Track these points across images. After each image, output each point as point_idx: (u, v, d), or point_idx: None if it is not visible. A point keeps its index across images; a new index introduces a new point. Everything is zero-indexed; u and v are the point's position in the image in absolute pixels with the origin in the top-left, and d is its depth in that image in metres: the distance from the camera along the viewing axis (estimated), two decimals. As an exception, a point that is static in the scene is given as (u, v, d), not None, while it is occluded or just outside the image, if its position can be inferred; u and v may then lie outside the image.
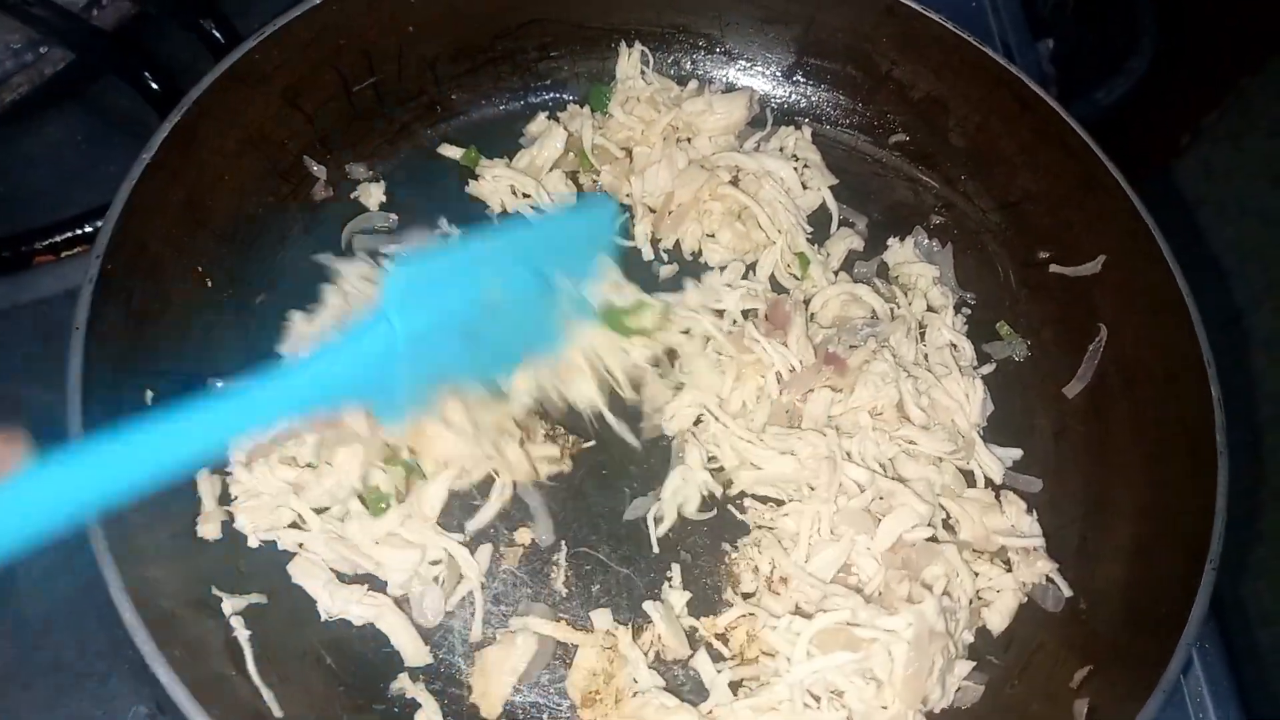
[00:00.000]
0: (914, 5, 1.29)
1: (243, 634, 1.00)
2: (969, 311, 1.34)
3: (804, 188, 1.38)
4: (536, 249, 1.05)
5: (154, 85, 1.28)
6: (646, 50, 1.40)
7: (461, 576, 1.10)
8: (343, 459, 1.09)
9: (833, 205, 1.37)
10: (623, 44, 1.39)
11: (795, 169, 1.37)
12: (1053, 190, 1.29)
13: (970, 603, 1.13)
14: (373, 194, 1.29)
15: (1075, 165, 1.25)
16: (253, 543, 1.07)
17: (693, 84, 1.42)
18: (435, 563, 1.10)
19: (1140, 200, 1.20)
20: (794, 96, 1.44)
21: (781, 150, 1.40)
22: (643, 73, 1.40)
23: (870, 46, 1.36)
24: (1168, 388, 1.16)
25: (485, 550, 1.12)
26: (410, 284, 0.90)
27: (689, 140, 1.39)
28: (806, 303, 1.29)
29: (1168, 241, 1.18)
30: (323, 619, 1.06)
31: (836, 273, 1.34)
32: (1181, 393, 1.13)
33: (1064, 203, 1.28)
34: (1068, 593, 1.14)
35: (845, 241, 1.36)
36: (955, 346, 1.30)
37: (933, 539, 1.13)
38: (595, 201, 1.13)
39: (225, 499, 1.08)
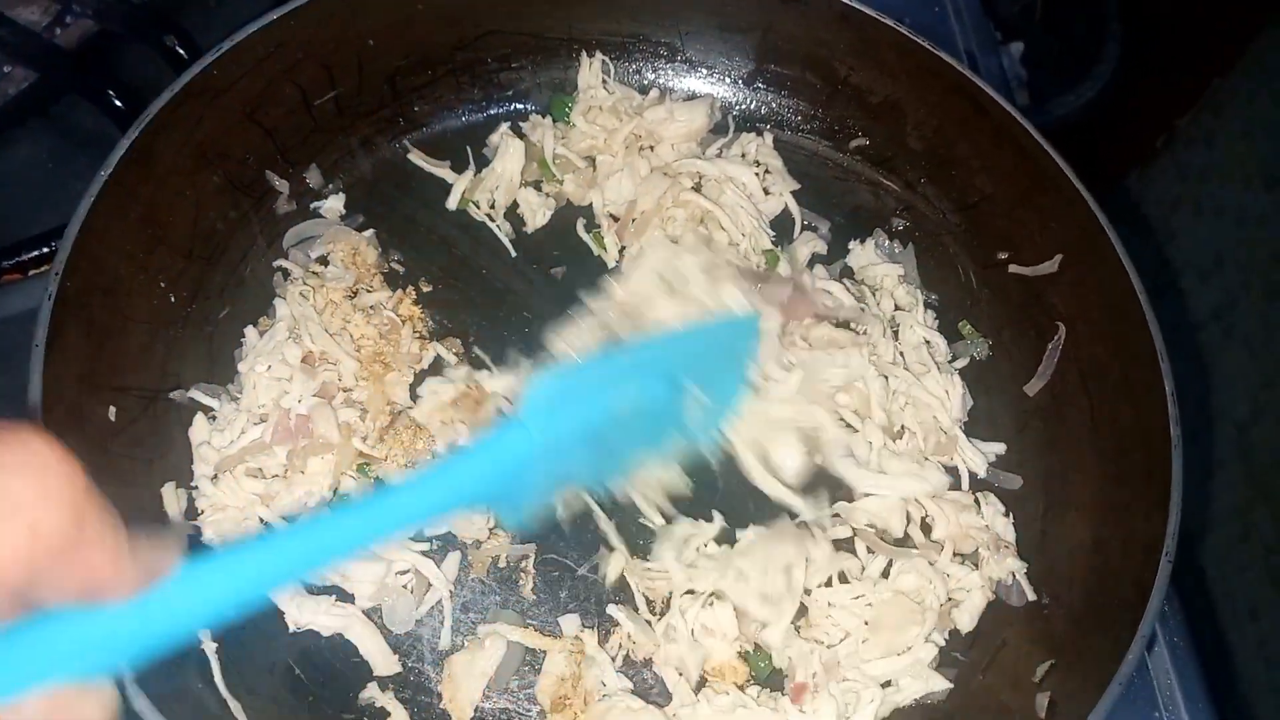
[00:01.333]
0: (868, 11, 1.30)
1: (209, 646, 1.00)
2: (932, 313, 1.36)
3: (766, 193, 1.39)
4: (674, 361, 1.03)
5: (118, 103, 1.28)
6: (608, 60, 1.42)
7: (430, 586, 1.10)
8: (315, 468, 1.10)
9: (795, 210, 1.39)
10: (584, 54, 1.41)
11: (757, 174, 1.38)
12: (1009, 191, 1.31)
13: (940, 606, 1.15)
14: (334, 206, 1.29)
15: (1030, 166, 1.26)
16: (219, 555, 1.07)
17: (654, 93, 1.43)
18: (403, 573, 1.11)
19: (1093, 199, 1.21)
20: (755, 103, 1.46)
21: (743, 156, 1.41)
22: (604, 82, 1.41)
23: (828, 53, 1.38)
24: (1124, 383, 1.17)
25: (453, 559, 1.13)
26: (550, 394, 0.90)
27: (651, 148, 1.40)
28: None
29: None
30: (290, 630, 1.06)
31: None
32: (1137, 387, 1.14)
33: (1020, 203, 1.30)
34: (1031, 596, 1.16)
35: (808, 245, 1.37)
36: (929, 343, 1.31)
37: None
38: (738, 318, 1.12)
39: (191, 513, 1.08)
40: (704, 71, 1.45)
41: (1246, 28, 2.07)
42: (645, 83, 1.45)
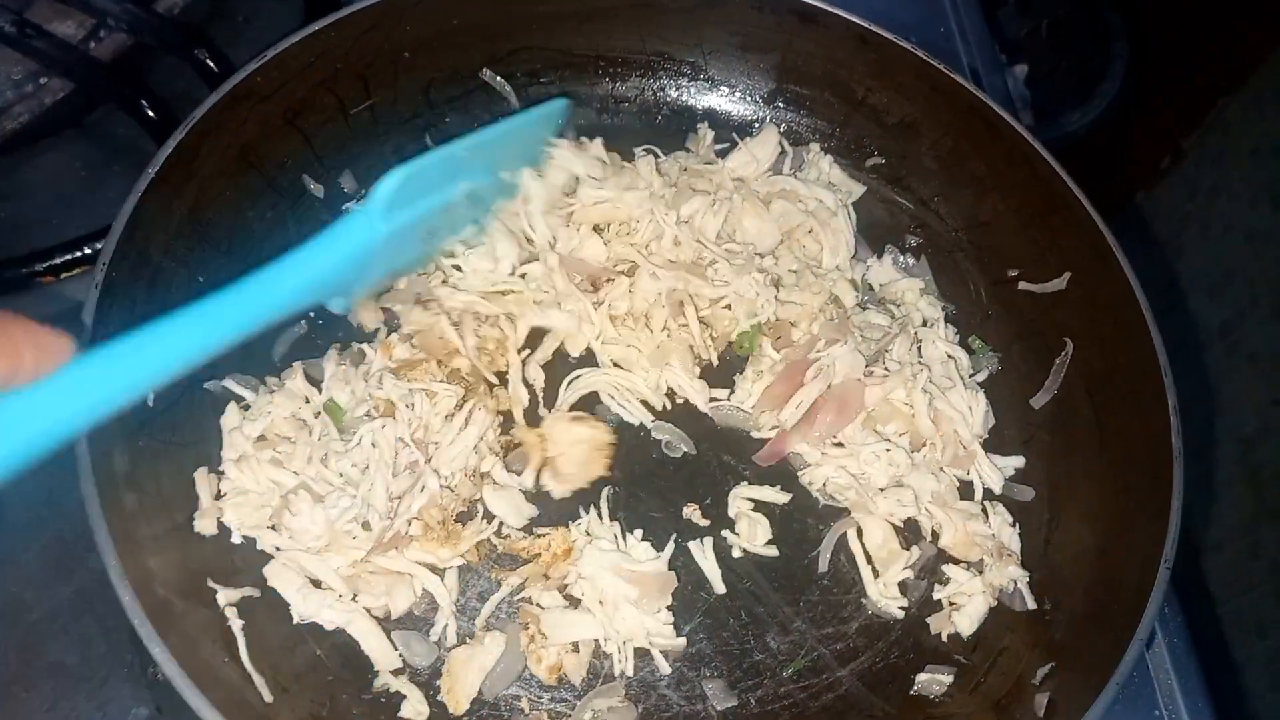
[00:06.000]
0: (886, 34, 1.35)
1: (235, 624, 1.03)
2: (953, 328, 1.38)
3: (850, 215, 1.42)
4: (496, 151, 1.18)
5: (150, 113, 1.32)
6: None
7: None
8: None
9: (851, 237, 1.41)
10: (701, 127, 1.47)
11: (842, 199, 1.41)
12: (1020, 210, 1.35)
13: (944, 607, 1.18)
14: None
15: (1040, 186, 1.30)
16: (235, 538, 1.10)
17: (707, 133, 1.46)
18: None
19: (1101, 219, 1.25)
20: (775, 121, 1.50)
21: (818, 179, 1.43)
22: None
23: (846, 73, 1.42)
24: (1128, 396, 1.20)
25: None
26: (397, 191, 0.99)
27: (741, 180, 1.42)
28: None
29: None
30: (294, 621, 1.08)
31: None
32: (1141, 401, 1.17)
33: (1030, 222, 1.33)
34: (1031, 605, 1.18)
35: (854, 273, 1.39)
36: (953, 359, 1.33)
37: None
38: (545, 105, 1.24)
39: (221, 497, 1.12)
40: (725, 90, 1.50)
41: (1254, 47, 2.10)
42: (668, 100, 1.50)
